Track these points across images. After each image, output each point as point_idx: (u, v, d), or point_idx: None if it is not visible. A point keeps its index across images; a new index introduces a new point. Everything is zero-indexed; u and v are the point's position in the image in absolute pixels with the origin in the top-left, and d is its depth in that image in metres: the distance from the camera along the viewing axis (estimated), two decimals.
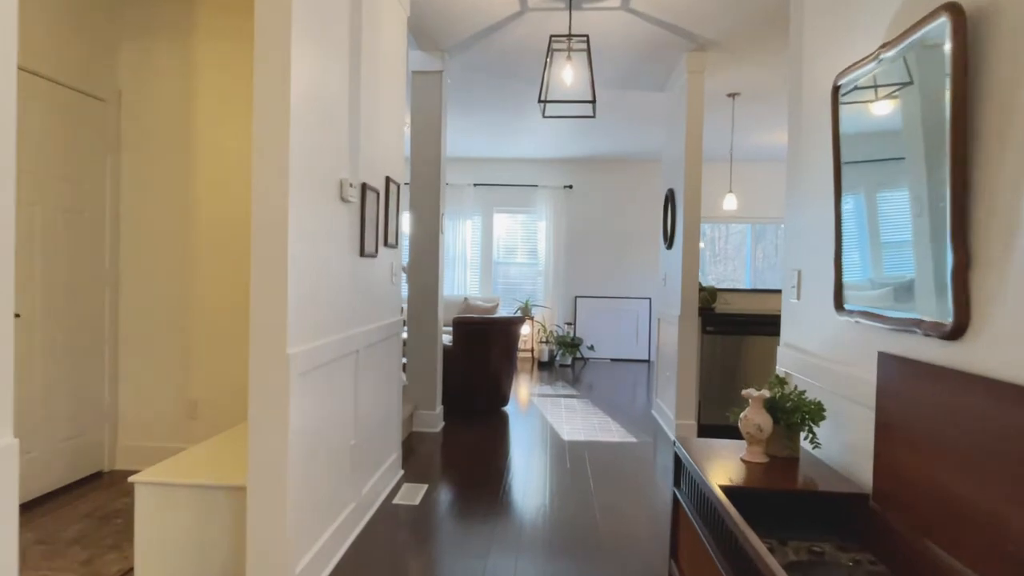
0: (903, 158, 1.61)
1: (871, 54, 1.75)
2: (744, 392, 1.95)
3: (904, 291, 1.58)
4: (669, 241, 4.86)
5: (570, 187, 8.59)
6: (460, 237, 8.62)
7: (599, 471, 3.73)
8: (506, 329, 5.14)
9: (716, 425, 4.57)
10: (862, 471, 1.84)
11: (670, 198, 4.84)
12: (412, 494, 3.29)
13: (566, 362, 8.04)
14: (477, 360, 5.07)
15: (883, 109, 1.73)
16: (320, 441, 2.33)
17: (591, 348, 8.35)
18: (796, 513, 1.79)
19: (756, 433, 1.93)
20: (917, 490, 1.50)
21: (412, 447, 4.15)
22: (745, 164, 8.39)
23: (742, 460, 1.98)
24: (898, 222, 1.62)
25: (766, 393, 1.94)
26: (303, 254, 2.12)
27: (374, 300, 3.03)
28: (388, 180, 3.19)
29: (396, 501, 3.18)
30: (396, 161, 3.38)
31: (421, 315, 4.54)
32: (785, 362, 2.44)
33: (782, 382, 2.05)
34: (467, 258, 8.65)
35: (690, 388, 4.44)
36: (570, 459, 3.96)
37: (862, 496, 1.72)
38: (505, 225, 8.82)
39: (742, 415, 1.98)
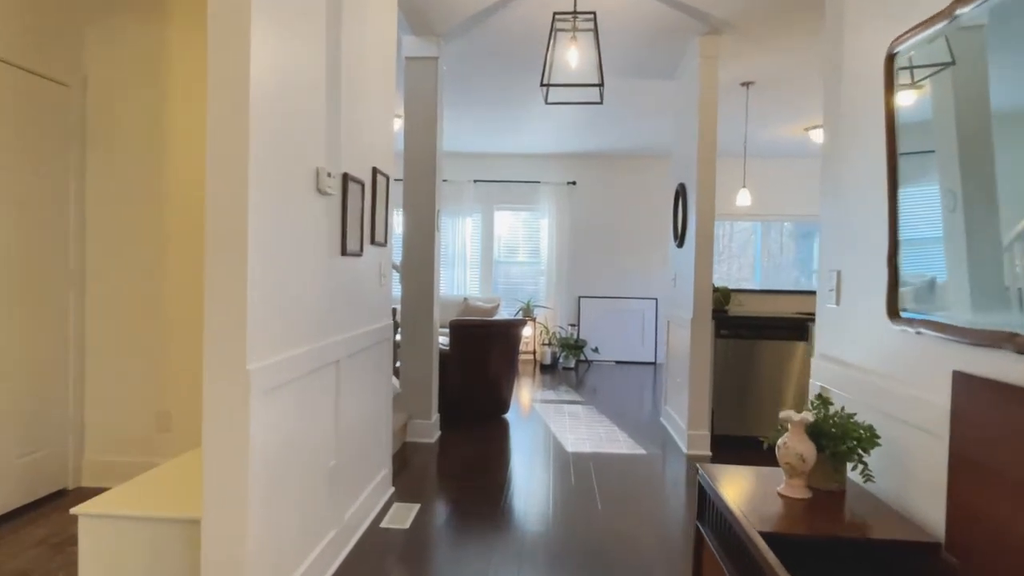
0: (985, 140, 1.32)
1: (942, 11, 1.46)
2: (782, 416, 1.66)
3: (992, 298, 1.29)
4: (680, 239, 4.56)
5: (573, 183, 8.29)
6: (459, 235, 8.33)
7: (606, 488, 3.44)
8: (506, 332, 4.85)
9: (730, 436, 4.28)
10: (928, 512, 1.54)
11: (681, 194, 4.55)
12: (402, 515, 3.00)
13: (569, 365, 7.75)
14: (476, 365, 4.78)
15: (964, 78, 1.43)
16: (290, 466, 2.04)
17: (595, 350, 8.05)
18: (848, 561, 1.50)
19: (798, 464, 1.63)
20: (1009, 542, 1.21)
21: (405, 459, 3.86)
22: (756, 160, 8.08)
23: (780, 495, 1.69)
24: (984, 217, 1.33)
25: (808, 417, 1.65)
26: (268, 253, 1.83)
27: (359, 303, 2.75)
28: (375, 172, 2.90)
29: (384, 524, 2.90)
30: (384, 152, 3.09)
31: (416, 318, 4.26)
32: (822, 376, 2.15)
33: (825, 402, 1.76)
34: (467, 257, 8.36)
35: (703, 396, 4.14)
36: (575, 474, 3.67)
37: (932, 545, 1.43)
38: (506, 223, 8.53)
39: (780, 442, 1.68)
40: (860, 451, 1.63)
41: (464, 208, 8.33)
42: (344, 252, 2.49)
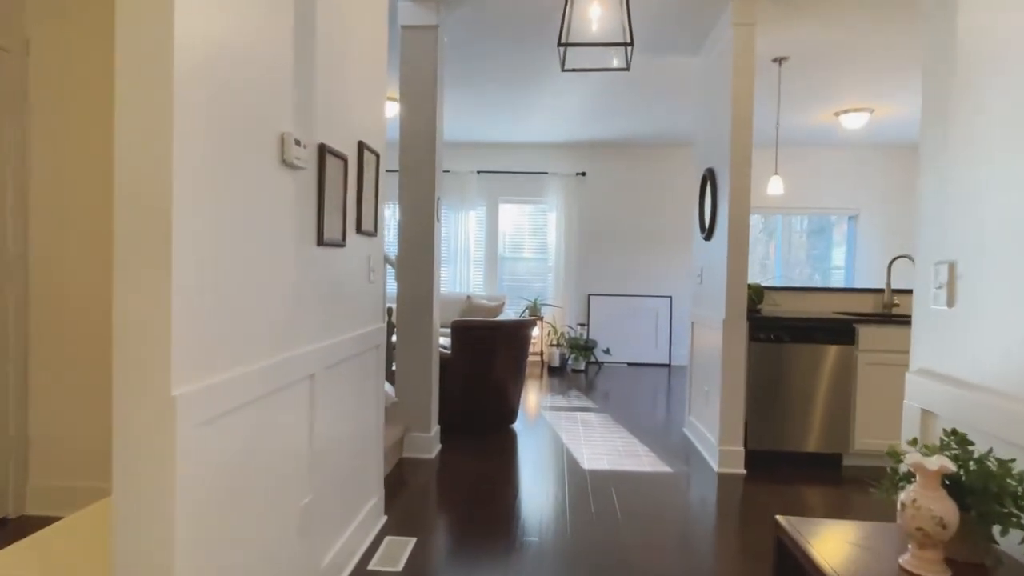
0: None
1: None
2: (910, 462, 1.19)
3: None
4: (708, 231, 4.09)
5: (583, 175, 7.82)
6: (462, 230, 7.87)
7: (632, 518, 2.98)
8: (514, 334, 4.38)
9: (766, 451, 3.81)
10: None
11: (709, 180, 4.07)
12: (395, 553, 2.54)
13: (579, 367, 7.29)
14: (480, 371, 4.32)
15: None
16: (244, 514, 1.58)
17: (606, 352, 7.58)
18: None
19: (935, 532, 1.17)
20: None
21: (402, 479, 3.41)
22: (787, 148, 7.59)
23: (905, 570, 1.22)
24: None
25: (948, 464, 1.18)
26: (206, 241, 1.37)
27: (342, 304, 2.29)
28: (362, 147, 2.44)
29: (373, 566, 2.44)
30: (373, 128, 2.63)
31: (413, 318, 3.80)
32: (926, 398, 1.68)
33: (963, 441, 1.29)
34: (470, 253, 7.90)
35: (736, 408, 3.68)
36: (594, 498, 3.21)
37: None
38: (512, 217, 8.06)
39: (907, 499, 1.22)
40: (1021, 513, 1.17)
41: (467, 201, 7.87)
42: (321, 242, 2.03)
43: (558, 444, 4.17)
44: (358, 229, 2.42)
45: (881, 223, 7.58)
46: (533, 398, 5.66)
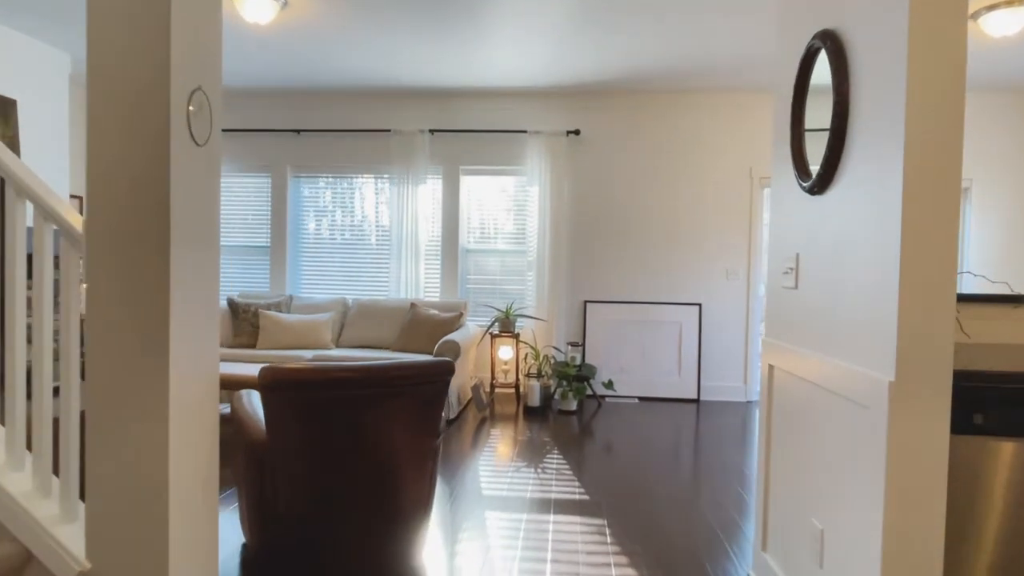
0: None
1: None
2: None
3: None
4: (828, 170, 1.82)
5: (576, 133, 5.58)
6: (408, 212, 5.65)
7: None
8: (405, 391, 2.14)
9: None
10: None
11: (832, 57, 1.80)
12: None
13: (569, 407, 5.05)
14: (334, 462, 2.09)
15: None
16: None
17: (608, 384, 5.34)
18: None
19: None
20: None
21: None
22: None
23: None
24: None
25: None
26: None
27: None
28: None
29: None
30: None
31: (124, 364, 1.58)
32: None
33: None
34: (419, 243, 5.68)
35: None
36: None
37: None
38: (478, 193, 5.85)
39: None
40: None
41: (413, 172, 5.65)
42: None
43: None
44: None
45: (1003, 197, 5.28)
46: (484, 472, 3.42)
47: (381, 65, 4.93)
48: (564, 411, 5.02)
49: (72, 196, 5.36)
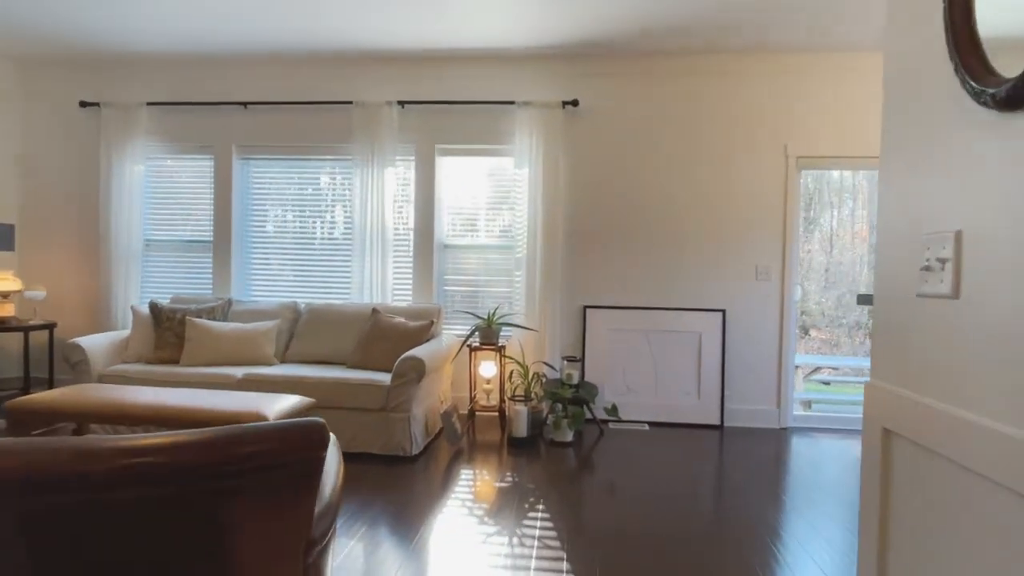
0: None
1: None
2: None
3: None
4: None
5: (574, 104, 4.63)
6: (374, 200, 4.73)
7: None
8: (212, 493, 1.20)
9: None
10: None
11: None
12: None
13: (564, 438, 4.09)
14: None
15: None
16: None
17: (611, 409, 4.39)
18: None
19: None
20: None
21: None
22: None
23: None
24: None
25: None
26: None
27: None
28: None
29: None
30: None
31: None
32: None
33: None
34: (386, 237, 4.75)
35: None
36: None
37: None
38: (458, 178, 4.92)
39: None
40: None
41: (380, 152, 4.72)
42: None
43: None
44: None
45: None
46: (437, 545, 2.48)
47: (339, 22, 4.01)
48: (558, 442, 4.07)
49: None
